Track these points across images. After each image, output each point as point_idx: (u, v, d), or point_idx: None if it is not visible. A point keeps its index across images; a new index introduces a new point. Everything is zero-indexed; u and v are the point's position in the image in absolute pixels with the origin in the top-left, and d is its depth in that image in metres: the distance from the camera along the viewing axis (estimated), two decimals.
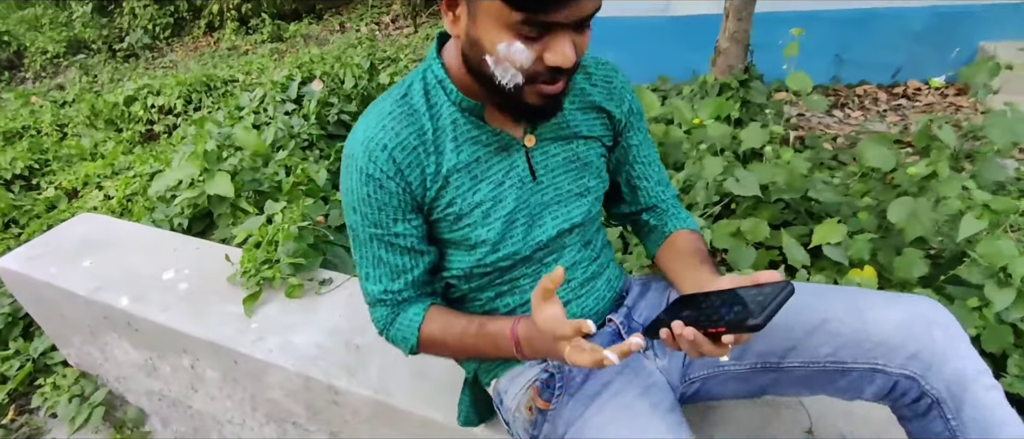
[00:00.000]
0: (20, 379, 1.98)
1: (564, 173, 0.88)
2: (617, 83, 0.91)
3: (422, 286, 0.88)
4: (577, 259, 0.92)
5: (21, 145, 3.82)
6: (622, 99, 0.91)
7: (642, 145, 0.96)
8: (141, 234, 1.84)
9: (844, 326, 0.80)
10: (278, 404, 1.42)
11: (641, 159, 0.96)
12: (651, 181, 0.98)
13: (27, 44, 6.39)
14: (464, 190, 0.81)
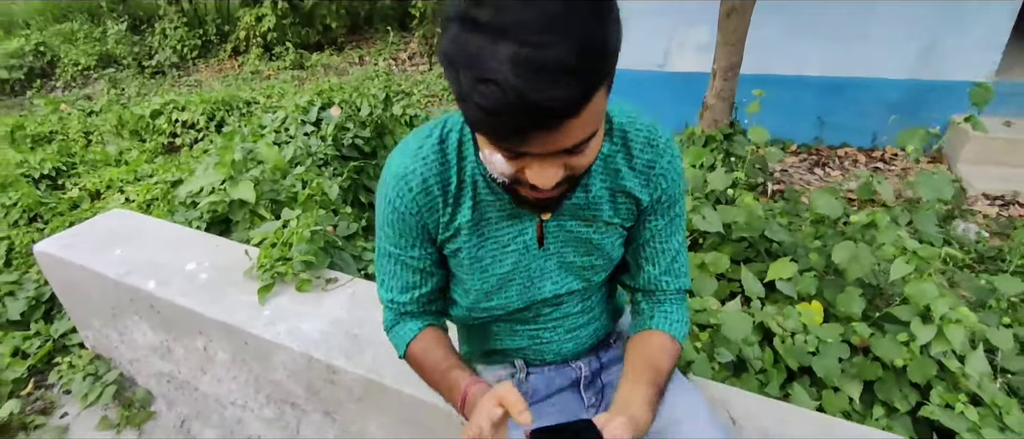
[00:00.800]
0: (40, 357, 2.15)
1: (573, 247, 0.90)
2: (660, 168, 0.86)
3: (427, 303, 0.98)
4: (571, 312, 0.99)
5: (50, 148, 4.06)
6: (657, 186, 0.87)
7: (663, 231, 0.92)
8: (166, 230, 2.04)
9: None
10: (280, 385, 1.58)
11: (656, 243, 0.93)
12: (657, 268, 0.94)
13: (61, 55, 6.73)
14: (470, 244, 0.88)
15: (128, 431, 1.94)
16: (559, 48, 0.56)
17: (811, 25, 3.64)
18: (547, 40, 0.56)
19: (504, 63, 0.56)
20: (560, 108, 0.59)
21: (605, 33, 0.59)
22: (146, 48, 7.12)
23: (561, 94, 0.58)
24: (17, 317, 2.28)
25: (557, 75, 0.57)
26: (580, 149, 0.67)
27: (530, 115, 0.59)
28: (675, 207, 0.91)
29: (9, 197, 3.22)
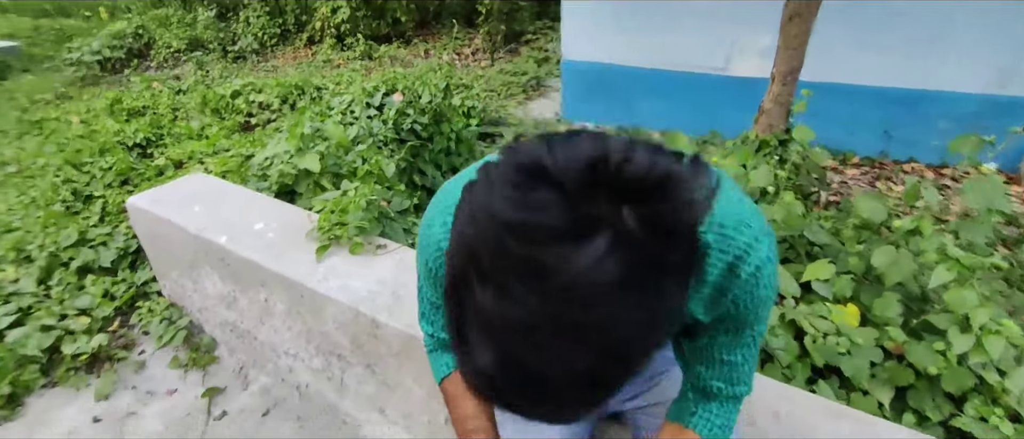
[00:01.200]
0: (124, 299, 2.40)
1: None
2: (739, 296, 0.73)
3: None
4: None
5: (142, 120, 4.44)
6: (725, 310, 0.75)
7: (726, 345, 0.81)
8: (240, 193, 2.24)
9: None
10: (328, 337, 1.73)
11: (714, 353, 0.83)
12: (712, 372, 0.85)
13: (156, 38, 7.30)
14: None
15: (193, 372, 2.15)
16: (562, 368, 0.46)
17: (880, 33, 3.53)
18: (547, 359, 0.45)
19: (489, 361, 0.47)
20: (564, 421, 0.53)
21: (656, 333, 0.48)
22: (230, 34, 7.62)
23: (555, 408, 0.50)
24: (108, 265, 2.55)
25: (553, 393, 0.48)
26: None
27: (535, 418, 0.53)
28: (744, 330, 0.79)
29: (107, 161, 3.57)
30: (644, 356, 0.48)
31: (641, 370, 0.50)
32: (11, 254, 2.62)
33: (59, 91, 5.87)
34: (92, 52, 6.73)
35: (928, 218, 1.62)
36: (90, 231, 2.71)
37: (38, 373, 2.12)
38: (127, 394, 2.07)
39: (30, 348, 2.14)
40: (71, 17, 8.99)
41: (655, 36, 4.31)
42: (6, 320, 2.24)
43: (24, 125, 4.78)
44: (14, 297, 2.38)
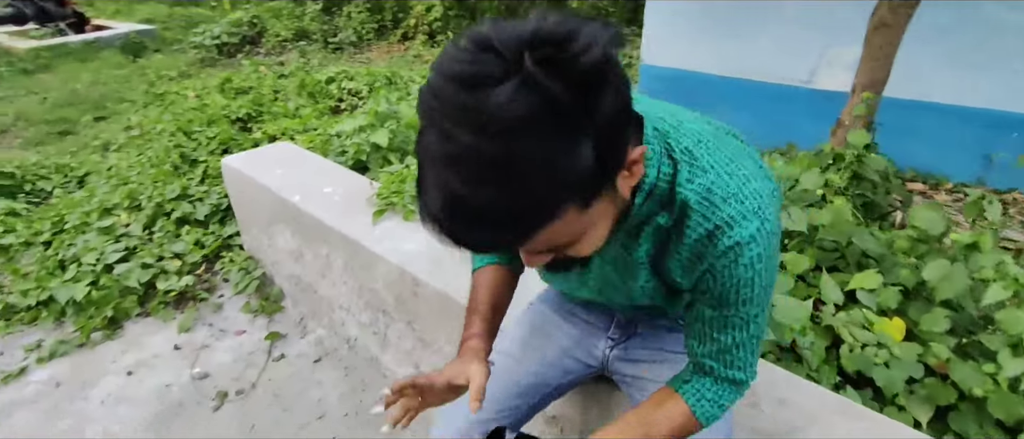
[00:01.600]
0: (212, 248, 2.69)
1: (618, 273, 0.88)
2: (710, 266, 0.74)
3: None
4: (623, 304, 1.02)
5: (246, 98, 4.89)
6: (702, 281, 0.77)
7: (712, 321, 0.81)
8: (316, 161, 2.46)
9: None
10: (377, 293, 1.88)
11: (704, 328, 0.83)
12: (704, 348, 0.85)
13: (268, 27, 7.96)
14: None
15: (261, 317, 2.38)
16: (486, 195, 0.53)
17: (982, 50, 3.27)
18: (475, 190, 0.52)
19: (436, 202, 0.55)
20: (487, 248, 0.61)
21: (555, 174, 0.53)
22: (333, 27, 8.16)
23: (482, 239, 0.57)
24: (202, 218, 2.87)
25: (484, 227, 0.55)
26: (565, 245, 0.64)
27: (472, 249, 0.60)
28: (729, 309, 0.78)
29: (212, 131, 3.98)
30: (552, 195, 0.55)
31: (558, 213, 0.56)
32: (126, 202, 3.00)
33: (182, 69, 6.55)
34: (213, 37, 7.44)
35: (989, 234, 1.53)
36: (191, 188, 3.05)
37: (136, 303, 2.43)
38: (204, 330, 2.33)
39: (132, 281, 2.45)
40: (200, 6, 9.96)
41: (737, 44, 4.22)
42: (115, 256, 2.58)
43: (150, 96, 5.39)
44: (124, 237, 2.73)
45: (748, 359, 0.85)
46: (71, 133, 4.72)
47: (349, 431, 1.85)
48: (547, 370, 1.16)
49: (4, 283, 2.66)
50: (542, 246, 0.63)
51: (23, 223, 3.06)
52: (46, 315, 2.40)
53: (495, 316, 1.03)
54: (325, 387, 2.03)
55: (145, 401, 1.99)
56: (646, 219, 0.76)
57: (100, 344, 2.28)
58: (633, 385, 1.12)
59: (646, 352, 1.13)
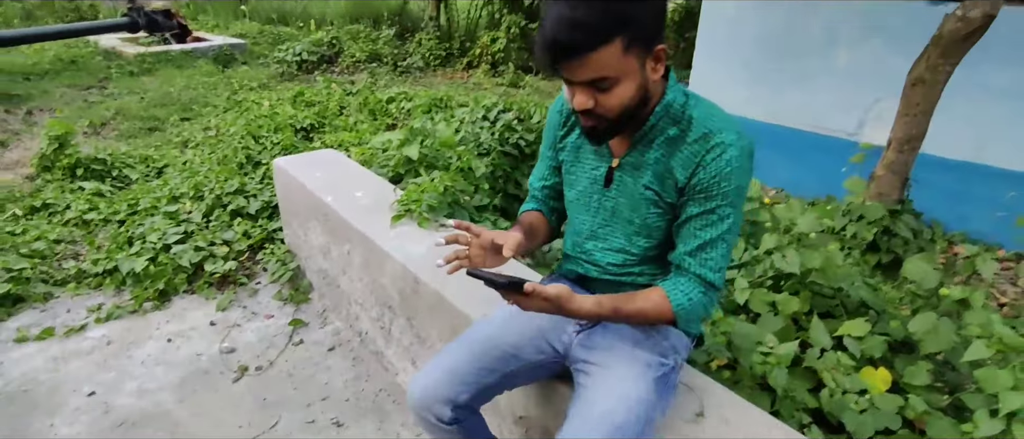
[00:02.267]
0: (257, 240, 2.95)
1: (627, 202, 1.15)
2: (703, 160, 1.02)
3: (546, 197, 1.36)
4: (613, 265, 1.23)
5: (313, 110, 5.29)
6: (695, 174, 1.03)
7: (696, 219, 1.06)
8: (353, 167, 2.68)
9: None
10: (385, 289, 2.04)
11: (688, 227, 1.08)
12: (684, 247, 1.09)
13: (345, 48, 8.54)
14: (569, 160, 1.24)
15: (289, 306, 2.60)
16: (578, 11, 0.89)
17: None
18: (574, 7, 0.90)
19: (550, 19, 0.92)
20: (572, 46, 0.91)
21: (617, 9, 0.90)
22: (403, 52, 8.65)
23: (571, 37, 0.90)
24: (252, 212, 3.15)
25: (573, 26, 0.90)
26: (604, 87, 0.96)
27: (555, 49, 0.92)
28: (712, 202, 1.04)
29: (277, 137, 4.35)
30: (613, 22, 0.90)
31: (612, 37, 0.90)
32: (191, 192, 3.34)
33: (263, 81, 7.14)
34: (295, 54, 8.07)
35: (981, 292, 1.51)
36: (249, 186, 3.36)
37: (184, 280, 2.70)
38: (238, 311, 2.57)
39: (184, 260, 2.74)
40: (289, 25, 10.81)
41: (784, 92, 4.21)
42: (174, 237, 2.89)
43: (230, 103, 5.92)
44: (185, 223, 3.05)
45: (718, 262, 1.08)
46: (159, 130, 5.25)
47: (348, 415, 2.00)
48: (525, 345, 1.27)
49: (81, 252, 3.02)
50: (591, 72, 0.93)
51: (106, 203, 3.46)
52: (109, 282, 2.71)
53: (531, 231, 1.28)
54: (333, 373, 2.19)
55: (178, 365, 2.22)
56: (661, 130, 1.08)
57: (149, 312, 2.55)
58: (584, 371, 1.21)
59: (605, 342, 1.22)
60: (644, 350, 1.17)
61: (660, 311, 1.09)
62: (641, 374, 1.12)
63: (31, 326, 2.44)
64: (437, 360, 1.26)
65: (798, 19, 4.04)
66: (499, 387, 1.29)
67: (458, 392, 1.23)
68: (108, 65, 7.44)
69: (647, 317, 1.10)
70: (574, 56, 0.92)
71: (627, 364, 1.14)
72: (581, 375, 1.21)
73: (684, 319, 1.11)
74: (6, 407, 2.03)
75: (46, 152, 3.92)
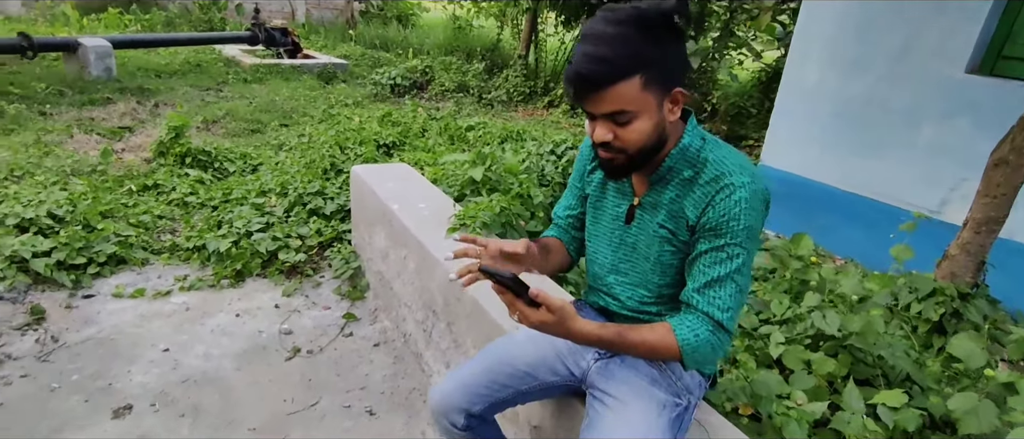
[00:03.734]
0: (327, 237, 3.20)
1: (646, 240, 1.20)
2: (713, 200, 1.06)
3: (568, 226, 1.41)
4: (631, 301, 1.27)
5: (397, 129, 5.65)
6: (705, 213, 1.07)
7: (706, 256, 1.08)
8: (421, 181, 2.88)
9: None
10: (432, 294, 2.17)
11: (698, 265, 1.10)
12: (693, 284, 1.10)
13: (435, 77, 9.04)
14: (594, 195, 1.31)
15: (346, 301, 2.79)
16: (601, 49, 0.98)
17: None
18: (598, 46, 0.98)
19: (577, 56, 1.01)
20: (594, 79, 0.99)
21: (636, 50, 0.98)
22: (490, 86, 9.04)
23: (592, 71, 0.99)
24: (328, 213, 3.42)
25: (596, 61, 0.98)
26: (623, 121, 1.03)
27: (578, 81, 1.00)
28: (721, 239, 1.06)
29: (361, 150, 4.69)
30: (632, 61, 0.98)
31: (630, 74, 0.99)
32: (277, 188, 3.67)
33: (356, 99, 7.68)
34: (389, 78, 8.63)
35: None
36: (328, 189, 3.66)
37: (259, 265, 2.98)
38: (300, 298, 2.79)
39: (262, 247, 3.02)
40: (388, 52, 11.58)
41: (862, 160, 4.09)
42: (257, 226, 3.19)
43: (325, 115, 6.42)
44: (268, 215, 3.35)
45: (727, 302, 1.08)
46: (260, 132, 5.77)
47: (382, 406, 2.13)
48: (541, 365, 1.35)
49: (178, 229, 3.39)
50: (611, 105, 1.01)
51: (205, 189, 3.86)
52: (196, 258, 3.03)
53: (546, 249, 1.34)
54: (374, 366, 2.34)
55: (240, 338, 2.45)
56: (677, 172, 1.13)
57: (225, 289, 2.82)
58: (600, 399, 1.26)
59: (623, 374, 1.27)
60: (660, 389, 1.21)
61: (666, 344, 1.08)
62: (657, 413, 1.16)
63: (127, 285, 2.76)
64: (456, 372, 1.36)
65: (882, 90, 3.94)
66: (512, 401, 1.37)
67: (471, 403, 1.32)
68: (227, 71, 8.27)
69: (653, 349, 1.09)
70: (595, 89, 0.99)
71: (644, 401, 1.18)
72: (597, 403, 1.25)
73: (690, 356, 1.08)
74: (95, 350, 2.32)
75: (164, 140, 4.43)
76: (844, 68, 4.18)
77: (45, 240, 2.82)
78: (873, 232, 4.04)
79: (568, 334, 1.05)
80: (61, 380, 2.14)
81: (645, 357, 1.19)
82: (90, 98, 6.12)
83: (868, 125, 4.07)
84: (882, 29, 3.91)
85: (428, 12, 15.48)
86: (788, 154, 4.51)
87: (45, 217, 2.99)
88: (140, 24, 10.81)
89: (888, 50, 3.89)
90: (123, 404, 2.04)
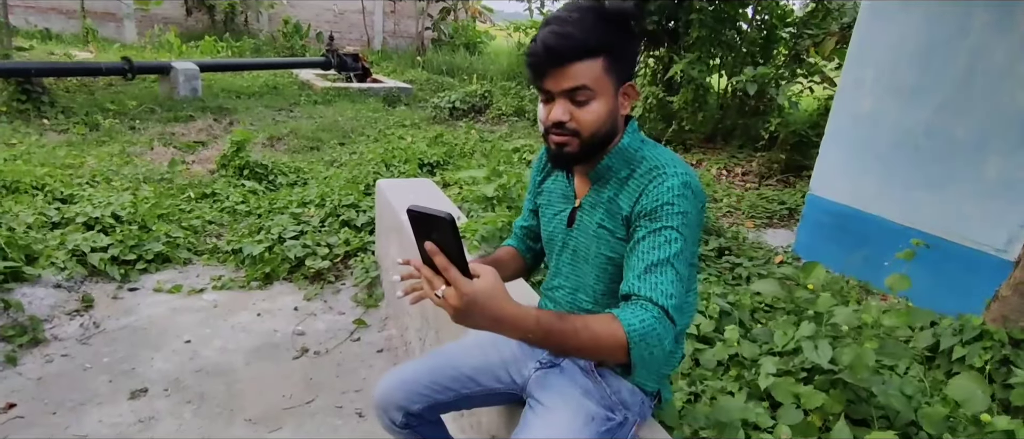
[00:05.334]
0: (353, 247, 3.34)
1: (586, 242, 1.20)
2: (649, 189, 1.07)
3: (524, 236, 1.46)
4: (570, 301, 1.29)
5: (443, 149, 5.82)
6: (639, 202, 1.08)
7: (642, 242, 1.05)
8: (439, 196, 2.96)
9: None
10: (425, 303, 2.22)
11: (635, 253, 1.05)
12: (632, 273, 1.04)
13: (493, 101, 9.26)
14: (542, 203, 1.33)
15: (360, 308, 2.90)
16: (569, 26, 1.02)
17: None
18: (564, 25, 1.03)
19: (543, 31, 1.04)
20: (560, 52, 1.02)
21: (599, 33, 1.03)
22: None
23: (560, 44, 1.02)
24: (358, 225, 3.58)
25: (564, 36, 1.02)
26: (581, 101, 1.05)
27: (545, 54, 1.03)
28: (656, 223, 1.04)
29: (406, 166, 4.88)
30: (596, 40, 1.03)
31: (594, 53, 1.03)
32: (317, 200, 3.88)
33: (414, 121, 7.99)
34: (449, 102, 8.93)
35: None
36: (362, 202, 3.82)
37: (286, 270, 3.15)
38: (318, 303, 2.92)
39: (291, 253, 3.19)
40: (453, 77, 11.98)
41: (922, 194, 3.79)
42: (291, 234, 3.38)
43: (380, 135, 6.72)
44: (303, 224, 3.55)
45: (669, 289, 1.00)
46: (318, 149, 6.12)
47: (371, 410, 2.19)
48: (483, 371, 1.37)
49: (223, 233, 3.64)
50: (572, 81, 1.04)
51: (255, 199, 4.14)
52: (233, 260, 3.25)
53: (497, 262, 1.37)
54: (373, 371, 2.41)
55: (256, 335, 2.60)
56: (615, 171, 1.15)
57: (253, 290, 3.01)
58: (532, 406, 1.26)
59: (558, 384, 1.26)
60: (592, 401, 1.19)
61: (610, 330, 0.96)
62: (583, 423, 1.14)
63: (167, 282, 3.00)
64: (399, 369, 1.39)
65: (945, 120, 3.66)
66: (454, 405, 1.38)
67: (411, 401, 1.34)
68: (300, 93, 8.85)
69: (595, 336, 0.96)
70: (559, 63, 1.02)
71: (571, 410, 1.16)
72: (529, 410, 1.26)
73: (638, 344, 0.95)
74: (129, 337, 2.53)
75: (227, 153, 4.80)
76: (903, 95, 3.93)
77: (105, 237, 3.13)
78: (931, 271, 3.72)
79: (500, 312, 0.92)
80: (94, 362, 2.35)
81: (587, 346, 0.98)
82: (175, 115, 6.73)
83: (930, 156, 3.79)
84: (943, 53, 3.66)
85: (494, 40, 15.92)
86: (840, 184, 4.26)
87: (108, 217, 3.31)
88: (231, 50, 11.81)
89: (951, 76, 3.63)
90: (140, 387, 2.21)
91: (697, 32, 6.81)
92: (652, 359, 0.98)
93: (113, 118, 6.19)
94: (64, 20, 12.40)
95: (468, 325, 0.96)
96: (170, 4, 13.36)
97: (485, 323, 0.94)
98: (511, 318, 0.92)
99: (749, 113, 7.84)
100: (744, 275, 3.39)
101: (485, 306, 0.91)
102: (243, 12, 14.22)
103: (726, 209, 5.40)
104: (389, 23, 15.92)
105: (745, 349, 2.10)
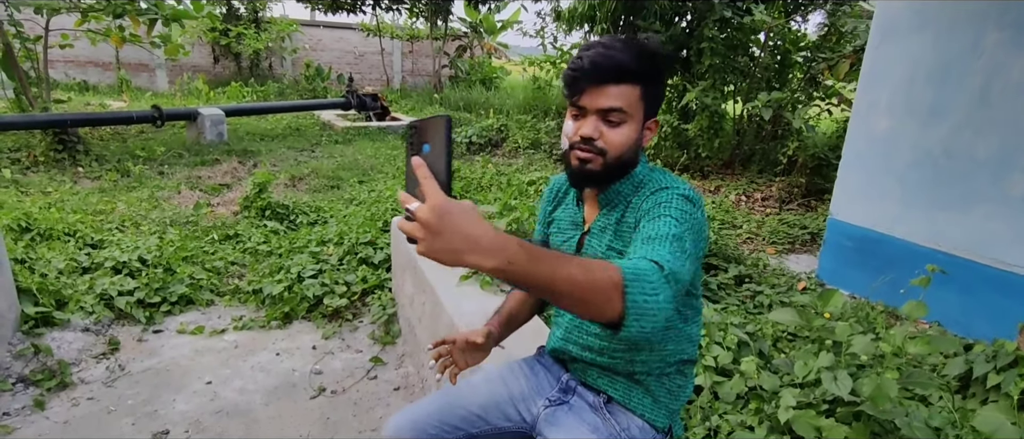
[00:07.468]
0: (370, 285, 3.38)
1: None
2: (651, 199, 1.09)
3: None
4: (589, 336, 1.26)
5: (460, 184, 5.89)
6: (641, 207, 1.10)
7: (646, 226, 1.02)
8: None
9: None
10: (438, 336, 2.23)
11: (642, 231, 1.02)
12: (635, 250, 0.99)
13: (510, 135, 9.37)
14: (553, 229, 1.34)
15: (377, 345, 2.91)
16: (616, 50, 1.08)
17: None
18: (610, 50, 1.09)
19: (591, 49, 1.10)
20: (605, 71, 1.07)
21: (642, 63, 1.09)
22: (557, 141, 9.23)
23: (607, 63, 1.07)
24: (375, 262, 3.62)
25: (611, 59, 1.07)
26: (615, 122, 1.09)
27: (590, 70, 1.08)
28: (657, 212, 1.04)
29: None
30: (637, 68, 1.09)
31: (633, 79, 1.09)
32: (335, 239, 3.94)
33: None
34: (466, 137, 9.07)
35: None
36: (379, 240, 3.88)
37: (305, 308, 3.19)
38: (336, 341, 2.95)
39: (309, 292, 3.24)
40: (471, 113, 12.18)
41: (947, 216, 3.70)
42: (309, 273, 3.43)
43: (397, 172, 6.84)
44: (322, 262, 3.61)
45: (667, 256, 0.92)
46: (338, 188, 6.24)
47: None
48: (491, 408, 1.37)
49: (244, 274, 3.72)
50: (609, 101, 1.08)
51: (276, 239, 4.23)
52: (253, 300, 3.31)
53: (508, 318, 1.42)
54: (390, 409, 2.41)
55: (274, 375, 2.63)
56: (624, 197, 1.18)
57: (273, 329, 3.05)
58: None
59: (568, 422, 1.26)
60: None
61: (604, 266, 0.83)
62: None
63: (190, 323, 3.07)
64: (410, 408, 1.38)
65: (965, 139, 3.60)
66: None
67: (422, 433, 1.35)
68: (322, 134, 9.08)
69: (589, 269, 0.80)
70: (602, 81, 1.07)
71: None
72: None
73: (633, 285, 0.82)
74: (152, 379, 2.58)
75: (249, 195, 4.93)
76: (919, 116, 3.88)
77: (132, 281, 3.22)
78: (963, 294, 3.61)
79: (477, 228, 0.75)
80: (118, 404, 2.40)
81: (578, 278, 0.80)
82: (202, 159, 6.95)
83: (951, 176, 3.71)
84: (957, 72, 3.62)
85: (510, 75, 16.19)
86: (861, 207, 4.19)
87: (135, 261, 3.41)
88: (256, 94, 12.21)
89: (967, 95, 3.58)
90: (162, 429, 2.24)
91: (709, 60, 6.85)
92: (647, 311, 0.83)
93: (143, 164, 6.42)
94: (100, 72, 13.01)
95: (441, 250, 0.74)
96: (199, 54, 13.94)
97: (460, 241, 0.74)
98: (490, 236, 0.75)
99: (766, 138, 7.80)
100: (766, 303, 3.33)
101: (459, 220, 0.75)
102: (268, 58, 14.75)
103: (746, 235, 5.34)
104: (408, 63, 16.35)
105: (765, 380, 2.06)
